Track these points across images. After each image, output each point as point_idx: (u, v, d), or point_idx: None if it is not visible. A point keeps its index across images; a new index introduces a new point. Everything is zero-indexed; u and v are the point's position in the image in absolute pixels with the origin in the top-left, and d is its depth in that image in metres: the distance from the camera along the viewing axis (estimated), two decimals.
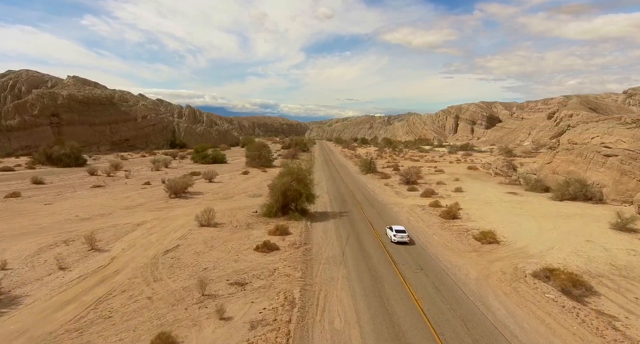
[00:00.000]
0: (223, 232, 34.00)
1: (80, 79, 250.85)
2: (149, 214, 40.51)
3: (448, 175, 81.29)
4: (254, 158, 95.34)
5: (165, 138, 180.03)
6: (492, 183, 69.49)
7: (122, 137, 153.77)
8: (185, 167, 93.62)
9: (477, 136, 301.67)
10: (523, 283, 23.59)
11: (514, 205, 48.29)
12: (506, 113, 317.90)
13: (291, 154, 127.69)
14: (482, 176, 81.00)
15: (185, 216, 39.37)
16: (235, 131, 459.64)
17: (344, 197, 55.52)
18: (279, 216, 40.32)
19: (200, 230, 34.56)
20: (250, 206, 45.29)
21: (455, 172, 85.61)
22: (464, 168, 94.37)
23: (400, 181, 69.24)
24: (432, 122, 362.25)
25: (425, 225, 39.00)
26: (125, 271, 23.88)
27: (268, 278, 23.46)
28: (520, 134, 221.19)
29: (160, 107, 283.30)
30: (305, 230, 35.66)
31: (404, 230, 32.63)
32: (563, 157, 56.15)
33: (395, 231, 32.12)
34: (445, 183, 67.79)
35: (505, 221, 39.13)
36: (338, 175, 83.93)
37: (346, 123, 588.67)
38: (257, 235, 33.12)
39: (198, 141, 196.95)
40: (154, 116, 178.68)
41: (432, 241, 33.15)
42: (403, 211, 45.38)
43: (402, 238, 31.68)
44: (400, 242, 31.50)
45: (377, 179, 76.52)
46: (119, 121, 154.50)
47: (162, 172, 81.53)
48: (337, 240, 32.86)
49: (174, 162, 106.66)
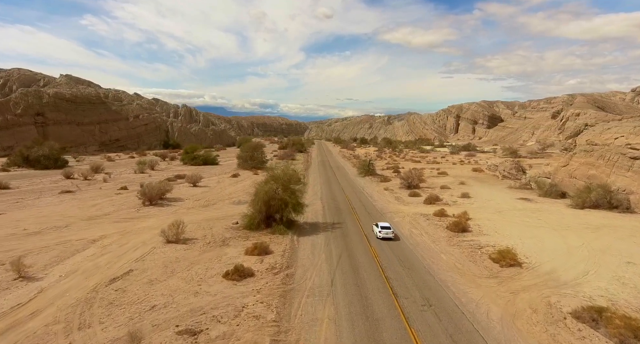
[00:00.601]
0: (191, 251, 28.59)
1: (74, 78, 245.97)
2: (111, 227, 35.10)
3: (452, 178, 75.88)
4: (246, 160, 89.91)
5: (159, 138, 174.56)
6: (501, 188, 64.07)
7: (112, 137, 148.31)
8: (173, 169, 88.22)
9: (478, 136, 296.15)
10: (563, 327, 18.17)
11: (529, 214, 42.85)
12: (508, 112, 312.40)
13: (287, 155, 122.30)
14: (489, 179, 75.60)
15: (153, 229, 33.93)
16: (234, 131, 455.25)
17: (338, 204, 50.10)
18: (262, 228, 34.94)
19: (164, 248, 29.14)
20: (232, 216, 39.90)
21: (459, 175, 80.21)
22: (469, 170, 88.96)
23: (401, 185, 63.82)
24: (433, 121, 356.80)
25: (430, 239, 33.60)
26: (46, 313, 18.44)
27: (231, 322, 18.05)
28: (523, 134, 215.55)
29: (155, 107, 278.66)
30: (289, 247, 30.26)
31: (389, 226, 34.34)
32: (581, 160, 50.73)
33: (381, 228, 33.74)
34: (450, 188, 62.37)
35: (523, 236, 33.71)
36: (334, 178, 78.51)
37: (346, 122, 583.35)
38: (231, 255, 27.71)
39: (192, 141, 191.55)
40: (147, 115, 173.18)
41: (440, 262, 27.73)
42: (405, 222, 39.98)
43: (387, 234, 33.21)
44: (385, 238, 33.00)
45: (375, 182, 71.11)
46: (109, 121, 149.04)
47: (146, 174, 76.17)
48: (327, 261, 27.46)
49: (163, 163, 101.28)
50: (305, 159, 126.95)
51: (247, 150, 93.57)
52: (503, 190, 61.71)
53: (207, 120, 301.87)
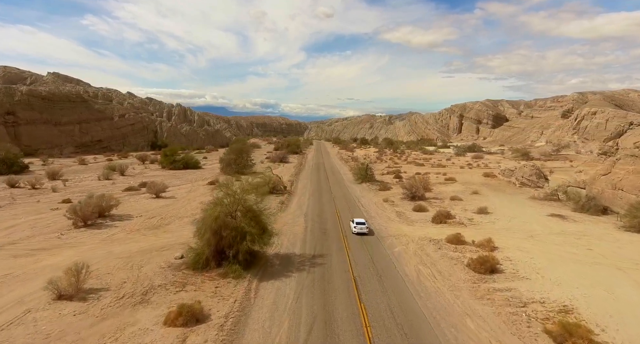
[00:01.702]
0: (84, 317, 18.71)
1: (62, 76, 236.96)
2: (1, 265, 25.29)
3: (462, 185, 65.92)
4: (229, 164, 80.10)
5: (146, 139, 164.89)
6: (522, 199, 54.12)
7: (94, 138, 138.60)
8: (147, 174, 78.48)
9: (483, 136, 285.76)
10: None
11: (573, 240, 32.83)
12: (513, 112, 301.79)
13: (279, 158, 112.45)
14: (505, 187, 65.61)
15: (61, 268, 24.06)
16: (232, 131, 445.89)
17: (326, 223, 40.17)
18: (212, 267, 25.14)
19: (48, 309, 19.28)
20: (182, 244, 30.02)
21: (470, 181, 70.24)
22: (479, 175, 78.93)
23: (404, 196, 53.91)
24: (435, 121, 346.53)
25: (447, 285, 23.64)
26: None
27: None
28: (531, 134, 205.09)
29: (148, 106, 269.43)
30: (240, 306, 20.39)
31: (364, 222, 35.92)
32: (629, 167, 40.75)
33: (356, 224, 35.29)
34: (461, 199, 52.44)
35: (580, 282, 23.70)
36: (327, 185, 68.61)
37: (346, 122, 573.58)
38: (141, 327, 17.84)
39: (183, 142, 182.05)
40: (134, 115, 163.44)
41: (466, 334, 17.79)
42: (409, 253, 30.03)
43: (361, 229, 34.68)
44: (359, 233, 34.47)
45: (374, 191, 61.19)
46: (90, 120, 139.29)
47: (111, 181, 66.44)
48: (290, 337, 17.59)
49: (140, 166, 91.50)
50: (299, 162, 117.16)
51: (231, 152, 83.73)
52: (525, 202, 51.74)
53: (202, 120, 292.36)
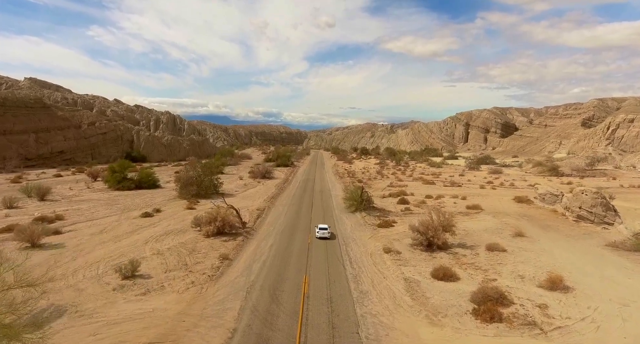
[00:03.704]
0: None
1: (39, 81, 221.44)
2: None
3: (493, 217, 47.88)
4: (188, 184, 62.44)
5: (120, 149, 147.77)
6: (593, 246, 36.05)
7: (55, 149, 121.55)
8: (80, 197, 60.88)
9: (492, 145, 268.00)
10: None
11: None
12: (523, 120, 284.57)
13: (261, 173, 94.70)
14: (552, 220, 47.50)
15: None
16: (230, 140, 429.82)
17: (277, 316, 22.13)
18: None
19: None
20: None
21: (501, 210, 52.28)
22: (509, 199, 60.91)
23: (414, 242, 35.89)
24: (440, 129, 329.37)
25: None
26: None
27: None
28: (547, 144, 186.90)
29: (135, 114, 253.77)
30: None
31: (326, 227, 38.79)
32: None
33: (319, 229, 38.52)
34: (504, 249, 34.30)
35: None
36: (308, 217, 50.62)
37: (346, 131, 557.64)
38: None
39: (163, 153, 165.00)
40: (106, 122, 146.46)
41: None
42: None
43: (323, 234, 37.81)
44: (321, 237, 37.59)
45: (370, 228, 43.15)
46: (51, 128, 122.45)
47: (21, 210, 48.91)
48: None
49: (77, 185, 73.63)
50: (286, 177, 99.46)
51: (191, 169, 65.94)
52: (607, 255, 33.59)
53: (192, 129, 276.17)
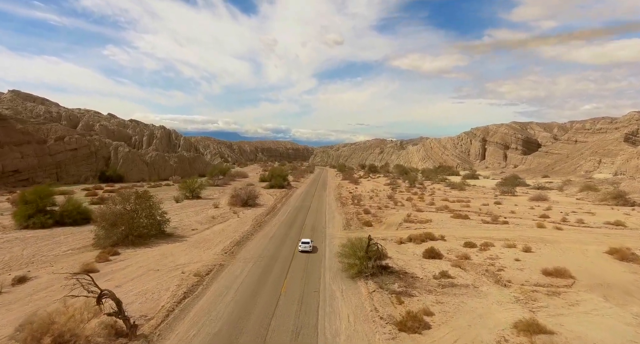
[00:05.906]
0: None
1: (22, 94, 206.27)
2: None
3: (603, 300, 26.30)
4: (114, 225, 42.06)
5: (93, 168, 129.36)
6: None
7: (7, 168, 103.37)
8: None
9: (512, 163, 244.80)
10: None
11: None
12: (547, 135, 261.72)
13: (241, 200, 74.31)
14: None
15: None
16: (234, 157, 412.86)
17: None
18: None
19: None
20: None
21: (597, 275, 30.67)
22: (597, 250, 39.18)
23: None
24: (454, 146, 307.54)
25: None
26: None
27: None
28: (582, 162, 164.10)
29: (128, 129, 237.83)
30: None
31: (309, 241, 39.11)
32: None
33: (302, 242, 38.93)
34: None
35: None
36: (276, 290, 29.48)
37: (354, 147, 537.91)
38: None
39: (144, 171, 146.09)
40: (77, 137, 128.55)
41: None
42: None
43: (305, 248, 38.04)
44: (304, 251, 37.78)
45: (382, 325, 21.81)
46: (4, 144, 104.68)
47: None
48: None
49: None
50: (274, 205, 78.89)
51: (121, 201, 45.36)
52: None
53: (188, 145, 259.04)
